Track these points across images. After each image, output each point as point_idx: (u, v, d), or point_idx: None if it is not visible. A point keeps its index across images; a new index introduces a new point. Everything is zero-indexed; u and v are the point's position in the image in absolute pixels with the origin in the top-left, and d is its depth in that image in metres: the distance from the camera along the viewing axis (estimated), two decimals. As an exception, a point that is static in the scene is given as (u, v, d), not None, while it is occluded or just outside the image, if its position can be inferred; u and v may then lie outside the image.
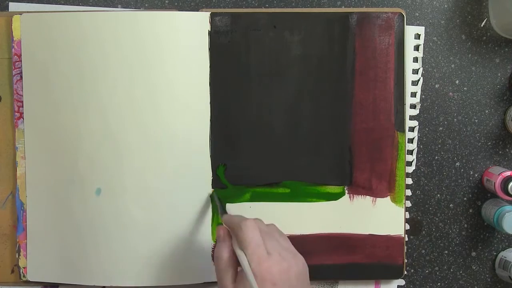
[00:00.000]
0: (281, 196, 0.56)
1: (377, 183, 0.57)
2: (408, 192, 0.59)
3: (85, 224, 0.56)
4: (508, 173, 0.56)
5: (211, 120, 0.56)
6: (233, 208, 0.56)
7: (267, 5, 0.58)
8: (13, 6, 0.57)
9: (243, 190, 0.56)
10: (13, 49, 0.56)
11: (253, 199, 0.56)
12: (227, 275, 0.43)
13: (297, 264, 0.42)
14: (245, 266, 0.40)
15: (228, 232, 0.45)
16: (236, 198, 0.56)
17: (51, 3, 0.58)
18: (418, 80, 0.59)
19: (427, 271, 0.60)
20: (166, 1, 0.58)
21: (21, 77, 0.56)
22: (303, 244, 0.57)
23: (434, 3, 0.59)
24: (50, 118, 0.55)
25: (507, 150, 0.60)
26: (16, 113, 0.56)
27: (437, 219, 0.60)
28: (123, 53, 0.55)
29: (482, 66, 0.59)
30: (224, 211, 0.52)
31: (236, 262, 0.43)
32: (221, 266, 0.43)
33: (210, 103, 0.56)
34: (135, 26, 0.55)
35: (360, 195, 0.57)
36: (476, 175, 0.60)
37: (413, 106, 0.59)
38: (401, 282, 0.60)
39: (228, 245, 0.44)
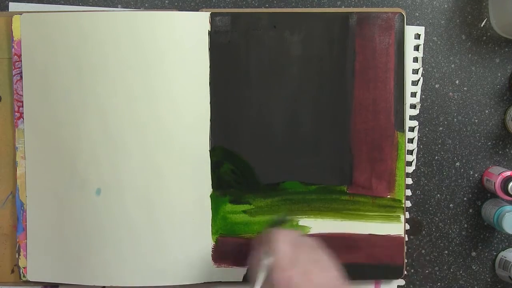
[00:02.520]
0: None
1: (377, 183, 0.57)
2: (408, 192, 0.59)
3: (85, 224, 0.56)
4: (508, 173, 0.56)
5: (211, 120, 0.56)
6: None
7: (267, 5, 0.58)
8: (13, 6, 0.57)
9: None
10: (13, 49, 0.56)
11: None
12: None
13: (323, 278, 0.42)
14: (260, 270, 0.41)
15: (260, 242, 0.46)
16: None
17: (51, 3, 0.58)
18: (418, 80, 0.59)
19: (427, 271, 0.60)
20: (166, 1, 0.58)
21: (21, 77, 0.56)
22: (303, 244, 0.57)
23: (434, 3, 0.59)
24: (50, 118, 0.55)
25: (507, 150, 0.60)
26: (16, 113, 0.56)
27: (437, 219, 0.60)
28: (123, 53, 0.55)
29: (482, 66, 0.59)
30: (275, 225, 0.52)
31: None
32: (252, 273, 0.44)
33: (210, 103, 0.56)
34: (135, 26, 0.55)
35: (360, 195, 0.57)
36: (476, 175, 0.60)
37: (413, 106, 0.59)
38: (401, 282, 0.60)
39: (258, 253, 0.45)
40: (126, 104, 0.55)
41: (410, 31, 0.58)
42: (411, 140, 0.59)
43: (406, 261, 0.59)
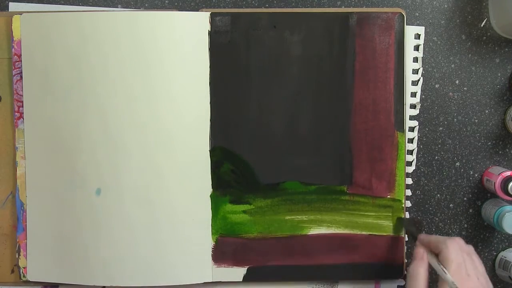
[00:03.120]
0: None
1: (377, 183, 0.57)
2: (408, 192, 0.59)
3: (85, 224, 0.56)
4: (508, 173, 0.56)
5: (211, 120, 0.56)
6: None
7: (267, 5, 0.58)
8: (13, 6, 0.57)
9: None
10: (13, 49, 0.56)
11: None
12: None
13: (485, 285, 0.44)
14: (449, 279, 0.42)
15: (425, 249, 0.47)
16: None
17: (51, 3, 0.58)
18: (418, 80, 0.59)
19: (427, 271, 0.60)
20: (166, 1, 0.58)
21: (21, 77, 0.56)
22: (304, 244, 0.57)
23: (434, 3, 0.59)
24: (50, 118, 0.55)
25: (507, 150, 0.60)
26: (16, 113, 0.56)
27: (437, 219, 0.60)
28: (123, 53, 0.55)
29: (482, 66, 0.59)
30: (420, 231, 0.53)
31: (428, 274, 0.45)
32: (416, 282, 0.45)
33: (210, 103, 0.56)
34: (135, 26, 0.55)
35: (360, 195, 0.57)
36: (476, 175, 0.60)
37: (413, 106, 0.59)
38: (401, 282, 0.60)
39: (426, 263, 0.46)
40: (126, 104, 0.55)
41: (410, 31, 0.58)
42: (411, 140, 0.59)
43: (406, 261, 0.59)
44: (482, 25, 0.59)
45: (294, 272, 0.57)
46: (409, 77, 0.58)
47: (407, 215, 0.59)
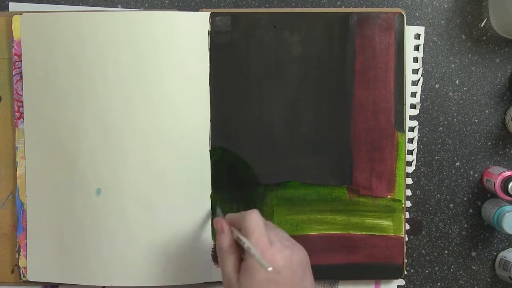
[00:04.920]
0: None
1: (377, 183, 0.57)
2: (408, 192, 0.59)
3: (85, 224, 0.56)
4: (508, 173, 0.56)
5: (211, 120, 0.56)
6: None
7: (267, 5, 0.58)
8: (13, 6, 0.57)
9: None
10: (13, 49, 0.56)
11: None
12: (228, 262, 0.44)
13: (298, 252, 0.43)
14: (251, 248, 0.41)
15: (227, 224, 0.46)
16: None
17: (51, 3, 0.58)
18: (418, 80, 0.59)
19: (427, 271, 0.60)
20: (166, 1, 0.58)
21: (21, 77, 0.56)
22: (304, 244, 0.56)
23: (434, 3, 0.59)
24: (50, 118, 0.55)
25: (507, 150, 0.60)
26: (16, 113, 0.56)
27: (437, 219, 0.60)
28: (123, 53, 0.55)
29: (482, 66, 0.59)
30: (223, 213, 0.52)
31: (237, 251, 0.44)
32: (223, 255, 0.44)
33: (210, 103, 0.56)
34: (135, 26, 0.55)
35: (360, 195, 0.57)
36: (476, 175, 0.60)
37: (413, 106, 0.59)
38: (401, 282, 0.60)
39: (228, 235, 0.45)
40: (126, 104, 0.55)
41: (410, 31, 0.58)
42: (411, 140, 0.59)
43: (406, 261, 0.59)
44: (482, 25, 0.59)
45: (294, 272, 0.57)
46: (409, 77, 0.58)
47: (407, 215, 0.59)
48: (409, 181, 0.59)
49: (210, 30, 0.56)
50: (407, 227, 0.59)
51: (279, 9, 0.57)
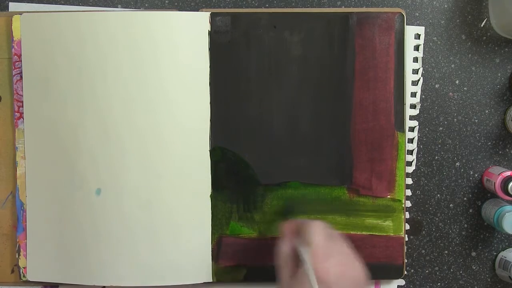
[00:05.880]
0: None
1: (377, 183, 0.57)
2: (408, 192, 0.59)
3: (85, 224, 0.56)
4: (508, 173, 0.56)
5: (211, 120, 0.56)
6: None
7: (267, 5, 0.58)
8: (13, 6, 0.57)
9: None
10: (13, 49, 0.56)
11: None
12: (285, 269, 0.45)
13: (354, 271, 0.43)
14: (306, 261, 0.42)
15: (292, 230, 0.47)
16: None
17: (51, 3, 0.58)
18: (418, 80, 0.59)
19: (427, 271, 0.60)
20: (166, 1, 0.58)
21: (21, 77, 0.56)
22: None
23: (434, 3, 0.59)
24: (50, 118, 0.55)
25: (507, 150, 0.60)
26: (16, 113, 0.56)
27: (437, 219, 0.60)
28: (123, 53, 0.55)
29: (482, 66, 0.59)
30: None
31: (296, 259, 0.45)
32: (280, 260, 0.45)
33: (210, 103, 0.56)
34: (135, 26, 0.55)
35: (360, 195, 0.57)
36: (476, 175, 0.60)
37: (413, 106, 0.59)
38: (401, 282, 0.60)
39: (289, 240, 0.46)
40: (126, 104, 0.55)
41: (410, 31, 0.58)
42: (411, 140, 0.59)
43: (406, 261, 0.59)
44: (482, 25, 0.59)
45: (294, 272, 0.57)
46: (409, 77, 0.58)
47: (407, 215, 0.59)
48: (409, 181, 0.59)
49: (210, 30, 0.56)
50: (407, 227, 0.59)
51: (279, 9, 0.57)
